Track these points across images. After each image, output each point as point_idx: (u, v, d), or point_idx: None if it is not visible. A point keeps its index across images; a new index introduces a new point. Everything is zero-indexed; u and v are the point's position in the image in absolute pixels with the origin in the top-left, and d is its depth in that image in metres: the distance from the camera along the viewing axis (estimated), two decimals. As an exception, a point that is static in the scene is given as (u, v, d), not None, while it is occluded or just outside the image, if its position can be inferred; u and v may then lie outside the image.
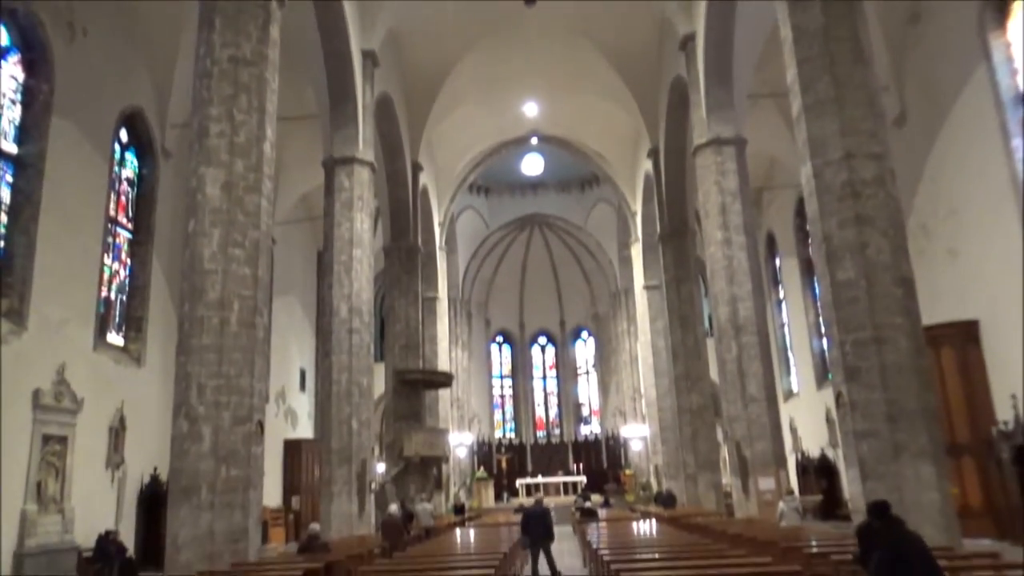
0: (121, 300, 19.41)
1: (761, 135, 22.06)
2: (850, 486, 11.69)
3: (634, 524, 18.41)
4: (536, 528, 14.24)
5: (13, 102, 15.98)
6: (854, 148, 11.75)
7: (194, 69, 13.17)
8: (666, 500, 24.93)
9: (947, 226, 17.64)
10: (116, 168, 19.13)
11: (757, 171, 26.17)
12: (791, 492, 15.49)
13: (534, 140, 33.64)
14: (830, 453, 24.37)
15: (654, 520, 19.55)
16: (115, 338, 18.87)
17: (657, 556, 10.15)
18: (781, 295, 30.59)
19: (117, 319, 19.15)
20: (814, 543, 10.23)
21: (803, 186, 12.58)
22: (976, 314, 16.67)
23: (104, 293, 18.45)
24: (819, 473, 24.89)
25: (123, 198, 19.63)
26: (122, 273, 19.53)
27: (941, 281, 17.50)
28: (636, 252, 32.89)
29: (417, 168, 28.00)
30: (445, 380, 28.62)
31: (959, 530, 10.92)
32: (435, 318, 32.01)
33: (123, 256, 19.60)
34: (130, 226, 19.84)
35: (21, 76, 16.17)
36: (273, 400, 25.54)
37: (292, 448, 26.97)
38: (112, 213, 18.90)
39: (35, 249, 15.62)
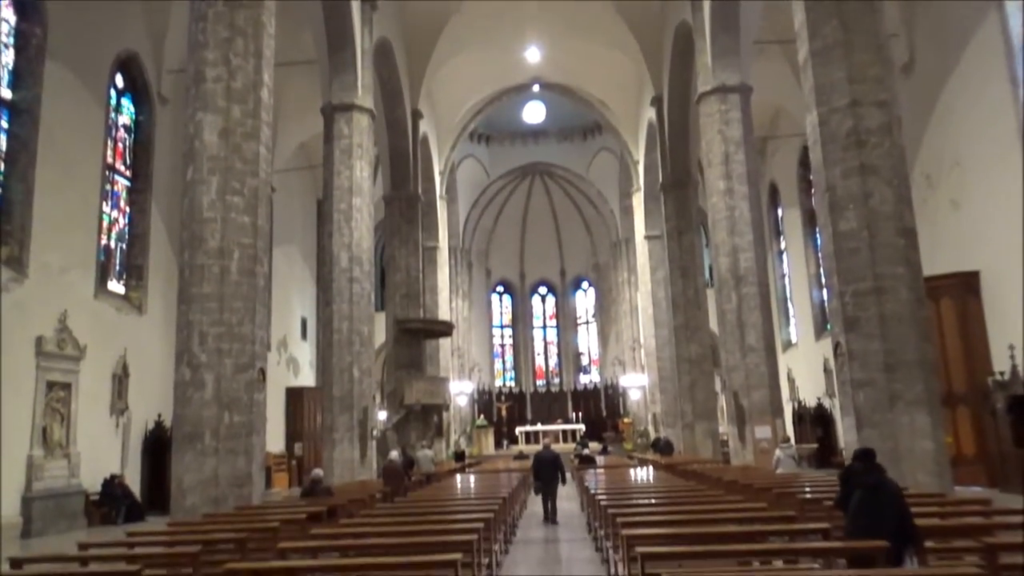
0: (121, 248, 19.39)
1: (766, 83, 21.74)
2: (846, 434, 11.85)
3: (631, 471, 18.70)
4: (547, 471, 14.71)
5: (6, 46, 15.71)
6: (861, 95, 11.59)
7: (189, 10, 12.92)
8: (663, 448, 25.29)
9: (951, 177, 17.50)
10: (112, 114, 18.91)
11: (761, 120, 25.87)
12: (787, 440, 15.71)
13: (536, 87, 33.17)
14: (826, 402, 24.64)
15: (651, 467, 19.86)
16: (116, 286, 18.91)
17: (653, 501, 10.33)
18: (782, 246, 30.53)
19: (118, 267, 19.17)
20: (808, 490, 10.40)
21: (808, 134, 12.45)
22: (977, 265, 16.66)
23: (104, 241, 18.42)
24: (815, 422, 25.19)
25: (120, 145, 19.45)
26: (121, 221, 19.47)
27: (943, 232, 17.44)
28: (638, 201, 32.72)
29: (417, 115, 27.66)
30: (445, 329, 28.78)
31: (951, 478, 11.10)
32: (435, 267, 32.02)
33: (122, 204, 19.51)
34: (128, 174, 19.70)
35: (13, 19, 15.86)
36: (275, 348, 25.71)
37: (294, 396, 27.27)
38: (110, 160, 18.75)
39: (33, 197, 15.54)
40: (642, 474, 17.29)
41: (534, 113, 38.93)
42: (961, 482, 14.01)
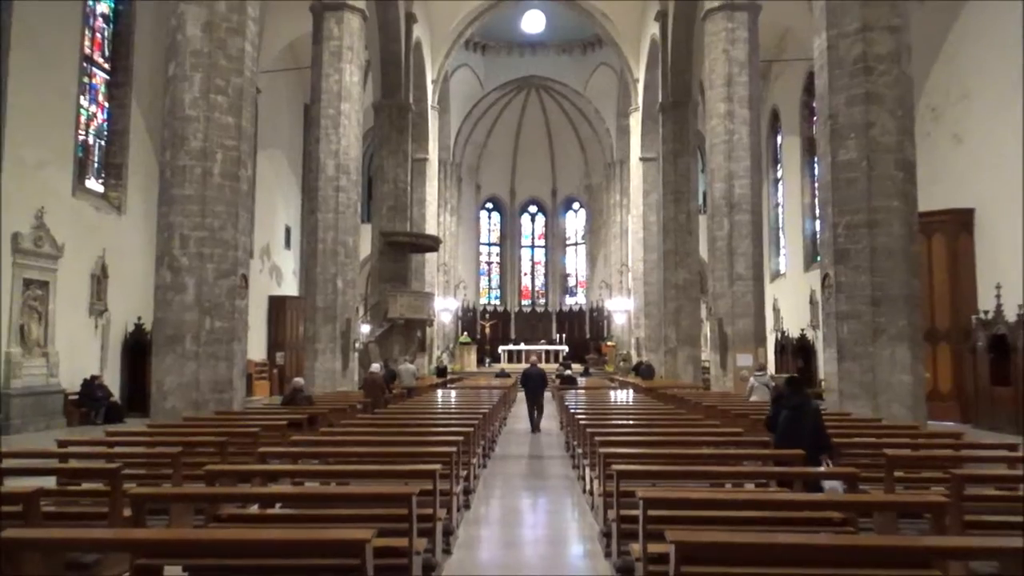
0: (100, 145, 19.02)
1: (776, 2, 21.17)
2: (826, 366, 12.10)
3: (612, 393, 19.11)
4: (534, 383, 16.94)
5: (-27, -79, 14.95)
6: (872, 19, 11.34)
7: None
8: (645, 372, 25.76)
9: (956, 110, 17.32)
10: (90, 2, 18.23)
11: (768, 42, 25.31)
12: (762, 369, 16.00)
13: (536, -5, 32.18)
14: (810, 334, 25.02)
15: (632, 390, 20.27)
16: (95, 185, 18.65)
17: (632, 423, 10.60)
18: (779, 174, 30.39)
19: (96, 165, 18.85)
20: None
21: (815, 59, 12.23)
22: (972, 203, 16.69)
23: (82, 137, 18.05)
24: (797, 353, 25.64)
25: (99, 36, 18.82)
26: (100, 117, 19.03)
27: (942, 167, 17.38)
28: (635, 121, 32.29)
29: (411, 19, 26.85)
30: (432, 244, 28.74)
31: (926, 412, 11.42)
32: (424, 180, 31.73)
33: (100, 99, 19.03)
34: (107, 66, 19.14)
35: None
36: (258, 256, 25.65)
37: (277, 304, 27.38)
38: (87, 51, 18.18)
39: (7, 87, 15.10)
40: (622, 396, 17.66)
41: (533, 22, 37.87)
42: (935, 417, 14.44)
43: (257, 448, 7.66)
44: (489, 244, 46.72)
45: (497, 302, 45.83)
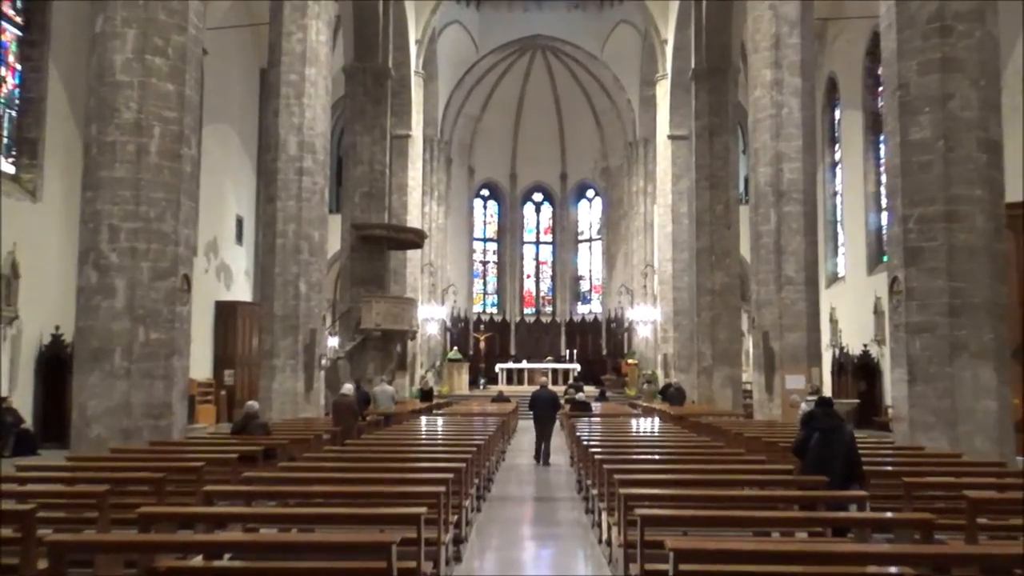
0: (10, 117, 19.03)
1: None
2: (894, 389, 12.09)
3: (634, 421, 19.09)
4: (543, 409, 17.44)
5: None
6: (951, -30, 11.38)
7: None
8: (674, 396, 25.73)
9: (1053, 80, 17.33)
10: (-1, -57, 18.28)
11: (824, -5, 25.36)
12: (816, 392, 15.99)
13: (542, -63, 32.28)
14: (874, 351, 25.00)
15: (658, 418, 20.24)
16: (4, 165, 18.65)
17: (658, 458, 10.59)
18: (837, 156, 30.38)
19: (6, 141, 18.85)
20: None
21: (880, 17, 12.25)
22: (1073, 192, 16.68)
23: (-11, 107, 18.08)
24: (858, 373, 25.61)
25: (10, -16, 18.86)
26: (10, 82, 19.05)
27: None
28: (662, 92, 32.30)
29: (390, -34, 26.95)
30: (415, 239, 28.73)
31: (1015, 446, 11.41)
32: (406, 162, 31.72)
33: (11, 60, 19.05)
34: (19, 21, 19.16)
35: None
36: (203, 253, 25.61)
37: (226, 311, 27.35)
38: (-4, 3, 18.22)
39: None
40: (646, 425, 17.63)
41: (538, -29, 37.96)
42: (1026, 452, 14.41)
43: (201, 487, 7.64)
44: (485, 240, 46.72)
45: (494, 310, 45.80)
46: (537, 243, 47.58)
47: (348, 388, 16.55)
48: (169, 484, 8.01)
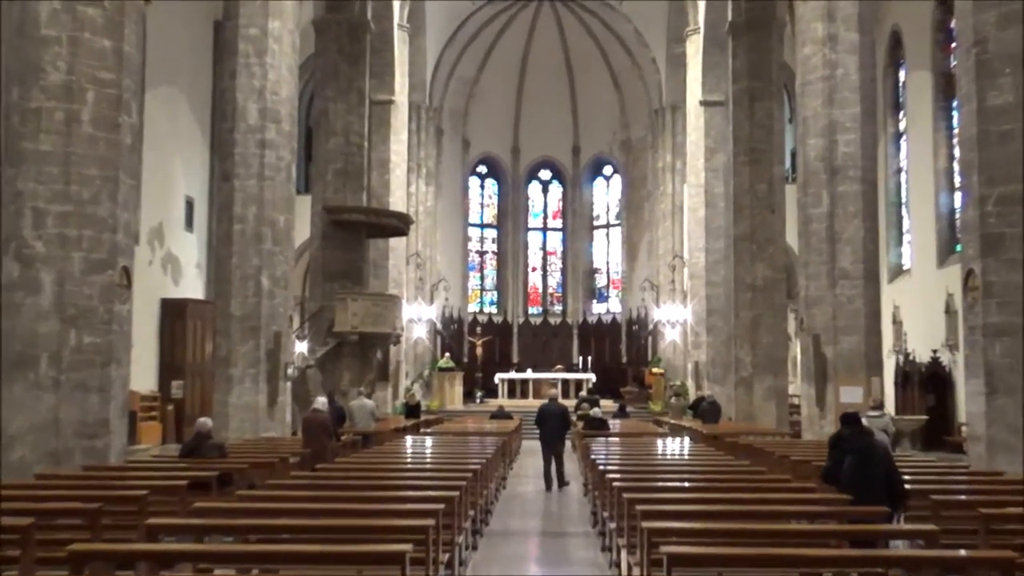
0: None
1: None
2: (969, 403, 12.07)
3: (660, 442, 19.05)
4: (552, 426, 17.72)
5: None
6: (1037, -98, 11.34)
7: None
8: (707, 412, 25.67)
9: None
10: None
11: (886, -66, 25.30)
12: (878, 406, 15.96)
13: None
14: (945, 358, 24.96)
15: (688, 438, 20.21)
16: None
17: (688, 486, 10.59)
18: (901, 126, 30.33)
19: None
20: (908, 478, 10.64)
21: (953, -41, 12.20)
22: None
23: None
24: (927, 384, 25.56)
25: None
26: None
27: None
28: (693, 49, 32.26)
29: None
30: (399, 225, 28.69)
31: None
32: (388, 133, 31.66)
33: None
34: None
35: None
36: (146, 241, 25.62)
37: (173, 311, 27.33)
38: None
39: None
40: (675, 447, 17.62)
41: (546, -94, 37.93)
42: None
43: (144, 519, 7.63)
44: (482, 226, 46.70)
45: (493, 310, 45.81)
46: (544, 230, 47.56)
47: (320, 402, 16.53)
48: (106, 516, 7.99)
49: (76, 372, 11.65)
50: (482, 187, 46.66)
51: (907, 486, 9.48)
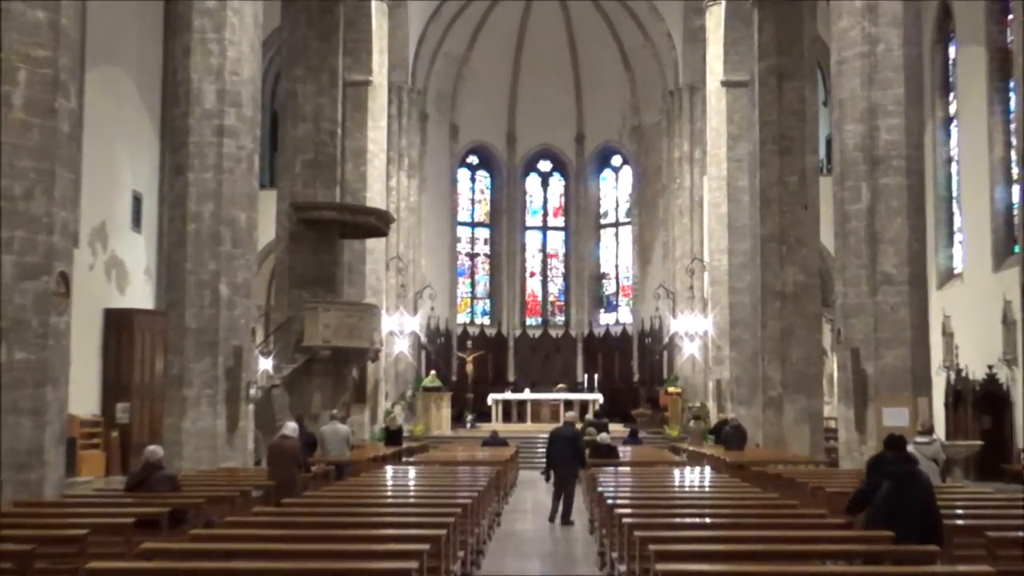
0: None
1: None
2: (1031, 427, 12.07)
3: (676, 472, 19.09)
4: (564, 452, 17.73)
5: None
6: None
7: None
8: (731, 437, 25.62)
9: None
10: None
11: None
12: (927, 430, 15.94)
13: None
14: (1002, 374, 24.94)
15: (710, 467, 20.20)
16: None
17: (710, 522, 10.59)
18: (952, 109, 30.37)
19: None
20: (960, 512, 10.63)
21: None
22: None
23: None
24: (981, 405, 25.54)
25: None
26: None
27: None
28: (714, 22, 32.33)
29: None
30: (378, 224, 28.65)
31: None
32: (365, 118, 31.65)
33: None
34: None
35: None
36: (86, 243, 25.58)
37: (119, 323, 27.27)
38: None
39: None
40: (693, 478, 17.63)
41: None
42: None
43: (85, 562, 7.60)
44: (473, 224, 46.71)
45: (486, 320, 45.80)
46: (544, 229, 47.60)
47: (289, 428, 16.51)
48: (40, 559, 7.97)
49: (6, 393, 11.60)
50: (473, 180, 46.66)
51: (960, 521, 9.56)
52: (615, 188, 46.61)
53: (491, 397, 38.93)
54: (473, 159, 46.35)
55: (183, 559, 7.62)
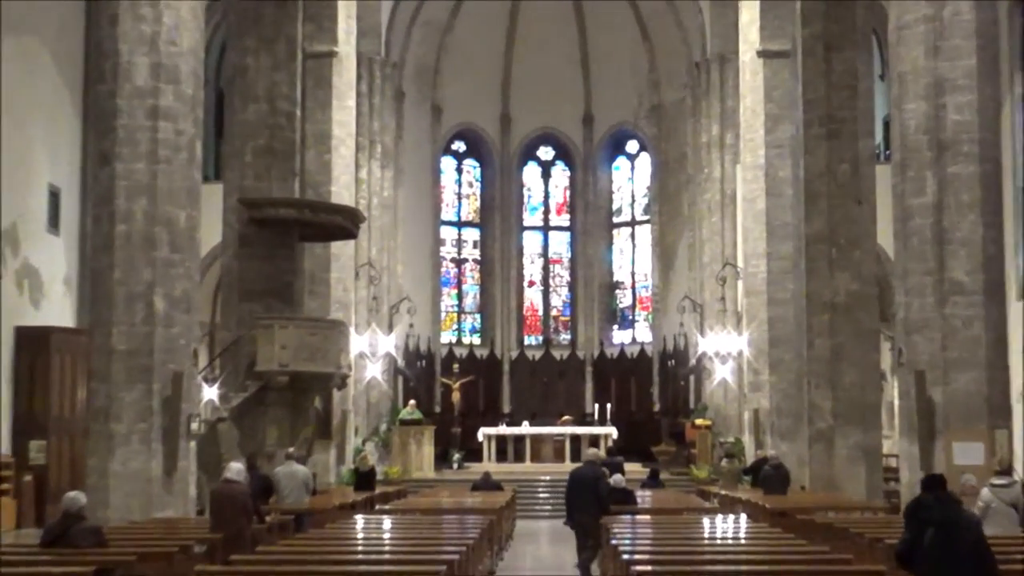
0: None
1: None
2: None
3: (706, 520, 19.06)
4: (586, 497, 18.02)
5: None
6: None
7: None
8: (771, 479, 25.61)
9: None
10: None
11: None
12: (1004, 470, 15.95)
13: None
14: (1099, 403, 25.01)
15: (745, 515, 20.16)
16: None
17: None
18: (1034, 85, 30.46)
19: None
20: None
21: None
22: None
23: None
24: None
25: None
26: None
27: None
28: (747, -18, 32.47)
29: None
30: (346, 224, 28.63)
31: None
32: (330, 97, 31.69)
33: None
34: None
35: None
36: (-7, 247, 25.61)
37: (33, 344, 27.25)
38: None
39: None
40: (726, 528, 17.64)
41: None
42: None
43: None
44: (459, 224, 46.77)
45: (476, 340, 45.81)
46: (545, 229, 47.66)
47: (234, 470, 16.49)
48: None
49: None
50: (459, 171, 46.74)
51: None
52: (630, 180, 46.68)
53: (482, 432, 38.87)
54: (460, 145, 46.40)
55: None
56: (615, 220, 47.05)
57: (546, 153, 47.23)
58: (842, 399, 24.77)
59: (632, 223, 46.63)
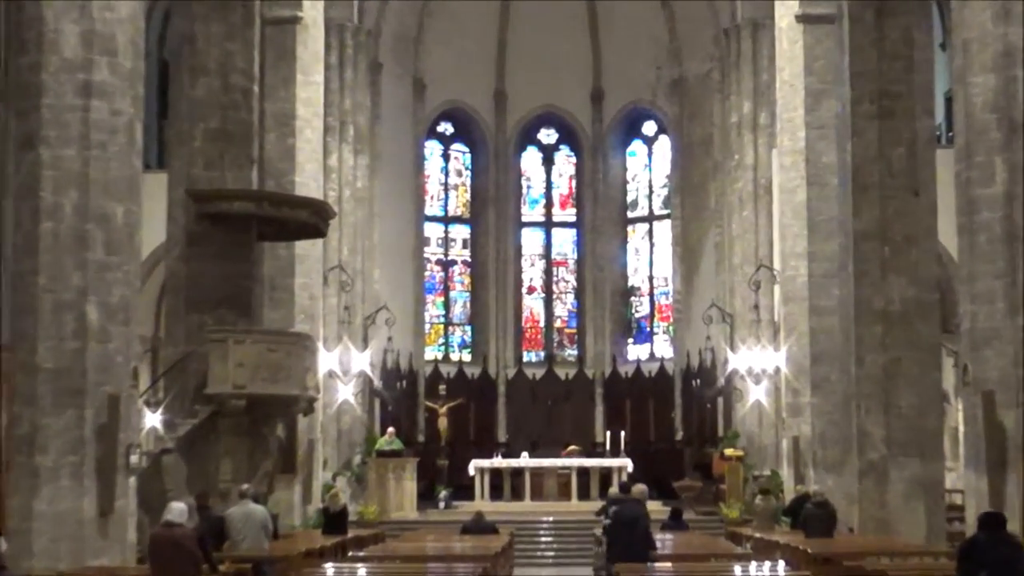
0: None
1: None
2: None
3: (738, 568, 19.09)
4: (629, 538, 18.42)
5: None
6: None
7: None
8: (813, 518, 25.63)
9: None
10: None
11: None
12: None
13: None
14: None
15: (783, 562, 20.15)
16: None
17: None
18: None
19: None
20: None
21: None
22: None
23: None
24: None
25: None
26: None
27: None
28: (783, -65, 32.54)
29: None
30: (312, 220, 28.65)
31: None
32: (294, 71, 31.73)
33: None
34: None
35: None
36: None
37: (-56, 363, 27.34)
38: None
39: None
40: (761, 576, 17.61)
41: None
42: None
43: None
44: (447, 220, 46.85)
45: (466, 356, 45.88)
46: (547, 225, 47.73)
47: (176, 511, 16.46)
48: None
49: None
50: (446, 157, 46.88)
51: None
52: (647, 167, 46.81)
53: (473, 465, 38.91)
54: (446, 127, 46.55)
55: None
56: (629, 215, 47.16)
57: (548, 136, 47.34)
58: (897, 425, 24.75)
59: (650, 218, 46.73)
